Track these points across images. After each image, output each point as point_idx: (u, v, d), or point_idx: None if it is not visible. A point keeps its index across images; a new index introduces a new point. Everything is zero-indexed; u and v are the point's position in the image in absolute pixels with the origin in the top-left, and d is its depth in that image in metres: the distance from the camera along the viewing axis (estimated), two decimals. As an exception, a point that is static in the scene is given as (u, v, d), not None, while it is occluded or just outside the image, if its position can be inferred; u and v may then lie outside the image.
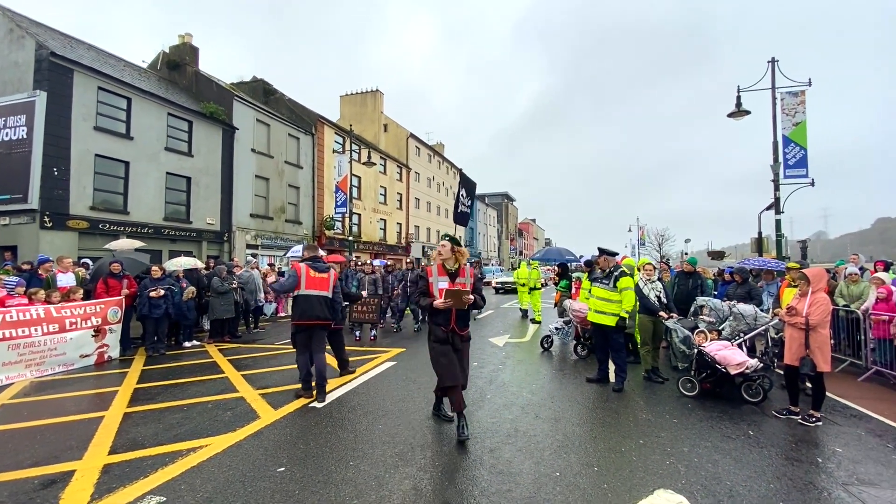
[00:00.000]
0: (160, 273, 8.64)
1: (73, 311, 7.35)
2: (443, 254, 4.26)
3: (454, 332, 4.17)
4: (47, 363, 6.83)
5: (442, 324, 4.15)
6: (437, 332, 4.17)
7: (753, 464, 3.63)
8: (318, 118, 26.48)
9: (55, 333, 6.95)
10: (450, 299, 3.97)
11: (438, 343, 4.16)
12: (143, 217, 16.32)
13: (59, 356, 6.99)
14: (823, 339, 4.47)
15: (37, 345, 6.70)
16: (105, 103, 15.44)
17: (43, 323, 6.84)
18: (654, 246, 55.28)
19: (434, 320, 4.20)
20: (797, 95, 12.17)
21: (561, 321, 8.33)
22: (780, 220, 12.11)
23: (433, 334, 4.21)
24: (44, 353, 6.78)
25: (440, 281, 4.17)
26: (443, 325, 4.14)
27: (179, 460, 3.66)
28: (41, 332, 6.78)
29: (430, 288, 4.21)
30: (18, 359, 6.48)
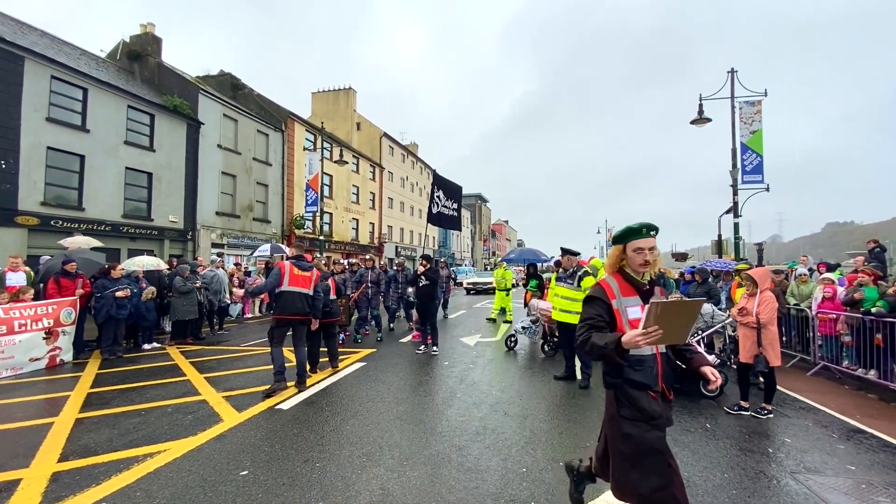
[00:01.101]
0: (121, 273, 8.26)
1: (23, 311, 6.93)
2: (648, 256, 2.24)
3: (664, 398, 2.24)
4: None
5: (645, 383, 2.17)
6: (642, 402, 2.16)
7: (709, 455, 3.79)
8: (288, 115, 25.92)
9: (2, 336, 6.53)
10: (658, 329, 1.87)
11: (646, 424, 2.15)
12: (100, 214, 15.54)
13: (7, 360, 6.57)
14: (773, 336, 4.73)
15: None
16: (59, 93, 14.63)
17: None
18: (621, 247, 56.98)
19: (625, 378, 2.19)
20: (754, 105, 12.79)
21: (528, 320, 8.45)
22: (738, 224, 12.69)
23: (630, 406, 2.18)
24: None
25: (629, 303, 2.24)
26: (648, 387, 2.17)
27: (135, 466, 3.51)
28: None
29: (616, 319, 2.21)
30: None
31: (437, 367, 7.03)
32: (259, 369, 6.83)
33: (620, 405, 2.21)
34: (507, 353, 8.21)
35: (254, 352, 8.35)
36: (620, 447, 2.20)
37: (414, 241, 44.55)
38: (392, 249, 37.99)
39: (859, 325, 6.25)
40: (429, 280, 8.09)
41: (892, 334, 5.69)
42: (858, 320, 6.27)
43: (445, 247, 52.97)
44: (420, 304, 8.27)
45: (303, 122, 27.57)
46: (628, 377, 2.18)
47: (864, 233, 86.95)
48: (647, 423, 2.14)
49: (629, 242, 2.27)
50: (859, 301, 6.43)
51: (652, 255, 2.25)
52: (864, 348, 6.18)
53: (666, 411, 2.22)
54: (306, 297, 5.82)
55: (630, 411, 2.17)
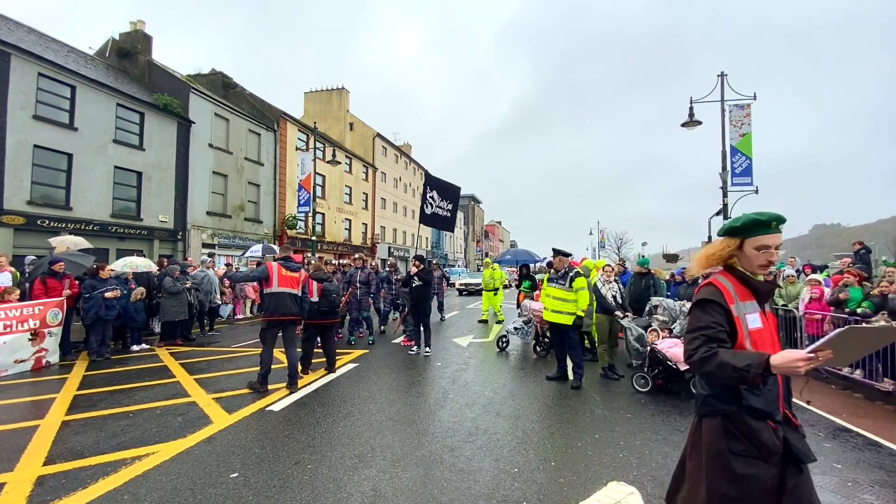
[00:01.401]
0: (109, 273, 8.17)
1: (8, 312, 6.81)
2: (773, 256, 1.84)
3: (788, 424, 1.78)
4: None
5: (766, 411, 1.74)
6: (763, 435, 1.71)
7: (699, 454, 3.83)
8: (280, 114, 25.77)
9: None
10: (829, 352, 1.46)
11: (763, 462, 1.69)
12: (88, 213, 15.32)
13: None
14: None
15: None
16: (46, 91, 14.40)
17: None
18: (613, 248, 57.30)
19: (742, 404, 1.74)
20: (743, 108, 12.95)
21: (520, 320, 8.48)
22: (727, 225, 12.84)
23: (746, 440, 1.72)
24: None
25: (747, 309, 1.81)
26: (770, 415, 1.74)
27: (123, 469, 3.46)
28: None
29: (737, 328, 1.77)
30: None
31: (429, 368, 7.02)
32: (250, 370, 6.76)
33: (731, 438, 1.74)
34: (500, 354, 8.23)
35: (245, 353, 8.28)
36: (727, 490, 1.71)
37: (407, 241, 44.49)
38: (385, 250, 37.90)
39: (845, 325, 6.36)
40: (422, 281, 8.08)
41: (876, 334, 5.79)
42: (843, 320, 6.38)
43: (438, 248, 52.96)
44: (413, 305, 8.26)
45: (295, 122, 27.42)
46: (747, 403, 1.73)
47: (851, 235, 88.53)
48: (764, 462, 1.68)
49: (751, 237, 1.81)
50: (844, 301, 6.54)
51: (776, 256, 1.83)
52: (850, 348, 6.27)
53: (797, 442, 1.73)
54: (295, 298, 5.83)
55: (745, 446, 1.71)
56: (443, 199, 11.07)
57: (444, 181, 11.27)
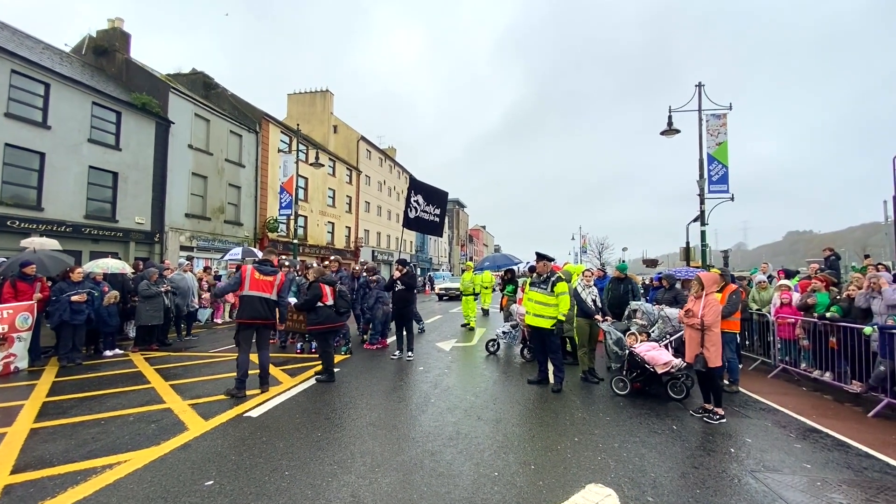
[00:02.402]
0: (80, 276, 7.90)
1: None
2: None
3: None
4: None
5: None
6: None
7: (675, 456, 3.90)
8: (262, 115, 25.45)
9: None
10: None
11: None
12: (61, 214, 14.85)
13: None
14: (716, 338, 4.86)
15: None
16: (19, 88, 13.97)
17: None
18: (594, 253, 58.06)
19: None
20: (720, 118, 13.32)
21: (508, 325, 8.52)
22: (704, 232, 13.15)
23: None
24: None
25: None
26: None
27: (93, 478, 3.35)
28: None
29: None
30: None
31: (411, 373, 7.00)
32: (228, 376, 6.62)
33: None
34: (483, 359, 8.25)
35: (222, 358, 8.11)
36: None
37: (391, 245, 44.30)
38: (368, 254, 37.66)
39: (815, 328, 6.57)
40: (405, 285, 8.06)
41: (845, 338, 6.00)
42: (811, 324, 6.60)
43: (423, 252, 52.88)
44: (396, 310, 8.22)
45: (278, 124, 27.12)
46: None
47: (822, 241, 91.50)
48: None
49: None
50: (812, 306, 6.76)
51: None
52: (820, 351, 6.50)
53: None
54: (267, 302, 5.80)
55: None
56: (428, 203, 10.95)
57: (431, 186, 11.16)
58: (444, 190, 11.29)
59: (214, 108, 22.18)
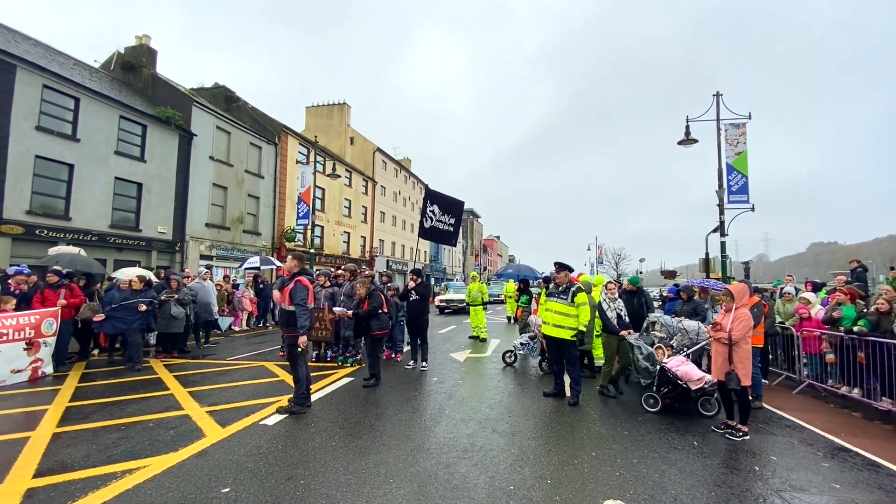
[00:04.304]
0: (141, 285, 8.29)
1: (4, 321, 6.77)
2: None
3: None
4: None
5: None
6: None
7: (697, 473, 3.79)
8: (282, 128, 26.01)
9: None
10: None
11: None
12: (87, 223, 15.33)
13: None
14: (745, 354, 4.70)
15: None
16: (50, 102, 14.54)
17: None
18: (611, 264, 57.34)
19: None
20: (739, 127, 13.13)
21: (526, 336, 8.42)
22: (724, 243, 12.89)
23: None
24: None
25: None
26: None
27: (112, 483, 3.41)
28: None
29: None
30: None
31: (425, 383, 6.97)
32: (245, 384, 6.72)
33: None
34: (498, 370, 8.17)
35: (239, 366, 8.21)
36: None
37: (406, 255, 44.49)
38: (383, 263, 37.85)
39: (842, 343, 6.34)
40: (419, 295, 8.07)
41: (873, 353, 5.79)
42: (838, 338, 6.38)
43: (437, 261, 52.96)
44: (410, 319, 8.23)
45: (296, 136, 27.67)
46: None
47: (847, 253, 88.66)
48: None
49: None
50: (838, 320, 6.54)
51: None
52: (848, 366, 6.26)
53: None
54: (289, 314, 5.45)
55: None
56: (444, 213, 10.90)
57: (447, 196, 11.09)
58: (461, 200, 11.20)
59: (235, 120, 22.76)
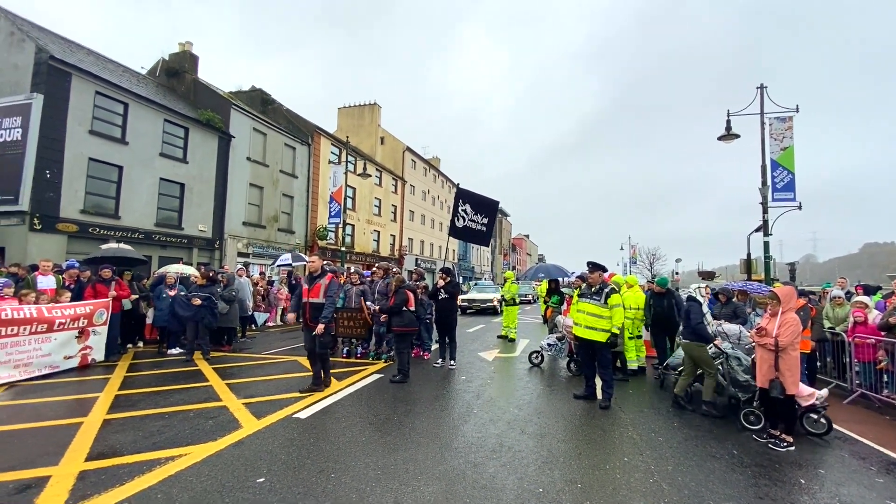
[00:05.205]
0: (204, 280, 8.80)
1: (64, 311, 7.26)
2: None
3: None
4: (34, 364, 6.71)
5: None
6: None
7: (737, 483, 3.63)
8: (314, 129, 26.63)
9: (40, 334, 6.83)
10: None
11: None
12: (135, 222, 16.20)
13: (45, 357, 6.87)
14: (793, 362, 4.44)
15: (23, 344, 6.58)
16: (102, 108, 15.43)
17: (34, 323, 6.72)
18: (645, 265, 55.68)
19: None
20: (785, 121, 12.47)
21: (553, 337, 8.30)
22: (768, 243, 12.29)
23: None
24: (30, 353, 6.66)
25: None
26: None
27: (157, 469, 3.59)
28: (28, 332, 6.65)
29: None
30: (6, 359, 6.35)
31: (453, 382, 6.98)
32: (279, 377, 6.93)
33: None
34: (526, 370, 8.09)
35: (274, 360, 8.48)
36: None
37: (434, 253, 44.69)
38: (412, 261, 38.17)
39: (900, 351, 5.92)
40: (448, 294, 8.09)
41: (936, 363, 5.37)
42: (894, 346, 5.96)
43: (465, 260, 52.93)
44: (438, 318, 8.26)
45: (328, 136, 28.27)
46: None
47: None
48: None
49: None
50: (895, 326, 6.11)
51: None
52: (906, 377, 5.84)
53: None
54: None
55: None
56: (476, 212, 10.69)
57: (480, 195, 10.85)
58: (495, 199, 10.96)
59: (271, 122, 23.48)
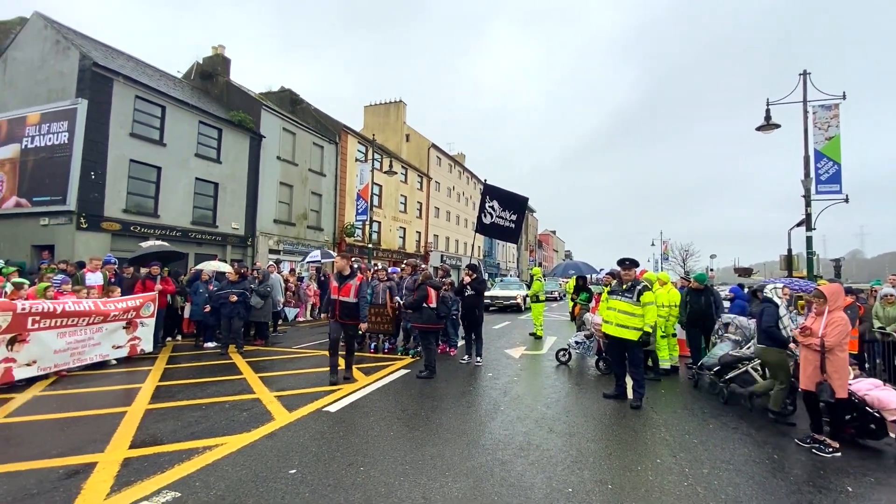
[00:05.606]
0: (237, 276, 9.16)
1: (116, 304, 7.68)
2: None
3: None
4: (87, 353, 7.11)
5: None
6: None
7: (777, 489, 3.47)
8: (342, 127, 27.02)
9: (94, 325, 7.23)
10: None
11: None
12: (172, 220, 16.88)
13: (96, 346, 7.27)
14: (841, 363, 4.20)
15: (79, 335, 6.98)
16: (141, 111, 16.12)
17: (91, 315, 7.13)
18: (677, 261, 54.00)
19: None
20: (830, 109, 11.81)
21: (581, 335, 8.15)
22: (811, 238, 11.70)
23: None
24: (84, 342, 7.07)
25: None
26: None
27: (195, 457, 3.74)
28: (85, 324, 7.06)
29: None
30: (66, 347, 6.76)
31: (480, 379, 6.97)
32: (309, 371, 7.09)
33: None
34: (553, 368, 7.99)
35: (304, 354, 8.68)
36: None
37: (459, 250, 44.69)
38: (437, 258, 38.30)
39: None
40: (474, 290, 8.07)
41: None
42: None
43: (491, 256, 52.71)
44: (465, 314, 8.25)
45: (355, 135, 28.62)
46: None
47: (966, 250, 77.14)
48: None
49: None
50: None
51: None
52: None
53: None
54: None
55: None
56: (504, 209, 10.46)
57: (508, 191, 10.62)
58: (524, 196, 10.77)
59: (300, 122, 23.98)
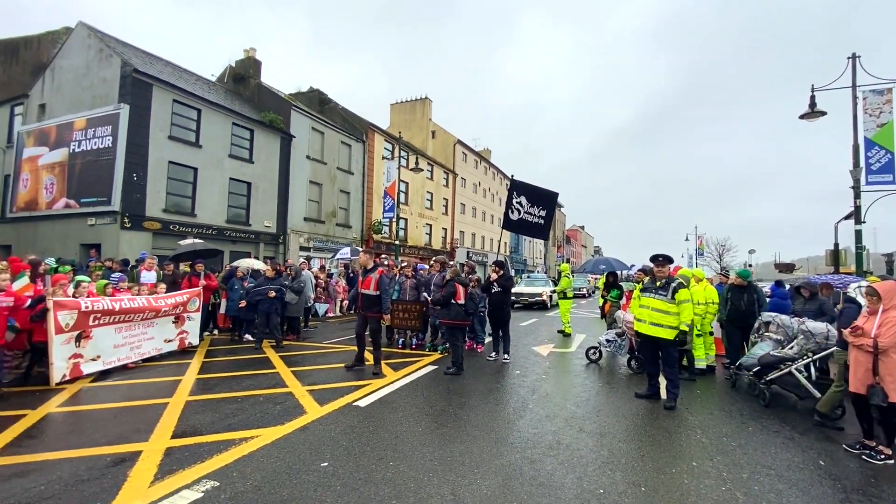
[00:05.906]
0: (273, 273, 9.47)
1: (167, 301, 8.05)
2: None
3: None
4: (143, 347, 7.50)
5: None
6: None
7: (824, 497, 3.30)
8: (368, 126, 27.32)
9: (147, 320, 7.61)
10: None
11: None
12: (208, 219, 17.52)
13: (150, 340, 7.65)
14: (895, 365, 3.97)
15: (135, 329, 7.37)
16: (178, 114, 16.79)
17: (146, 311, 7.50)
18: (713, 256, 52.03)
19: None
20: (883, 94, 11.06)
21: (612, 333, 7.98)
22: (860, 231, 11.03)
23: None
24: (139, 337, 7.45)
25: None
26: None
27: (233, 448, 3.88)
28: (140, 319, 7.45)
29: None
30: (123, 342, 7.15)
31: (507, 376, 6.93)
32: (339, 366, 7.21)
33: None
34: (583, 366, 7.85)
35: (335, 349, 8.85)
36: None
37: (485, 246, 44.51)
38: (464, 254, 38.28)
39: None
40: (501, 287, 8.02)
41: None
42: None
43: (517, 253, 52.25)
44: (492, 311, 8.22)
45: (382, 133, 28.89)
46: None
47: None
48: None
49: None
50: None
51: None
52: None
53: None
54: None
55: None
56: (533, 204, 10.15)
57: (537, 186, 10.37)
58: (553, 191, 10.39)
59: (328, 121, 24.40)
